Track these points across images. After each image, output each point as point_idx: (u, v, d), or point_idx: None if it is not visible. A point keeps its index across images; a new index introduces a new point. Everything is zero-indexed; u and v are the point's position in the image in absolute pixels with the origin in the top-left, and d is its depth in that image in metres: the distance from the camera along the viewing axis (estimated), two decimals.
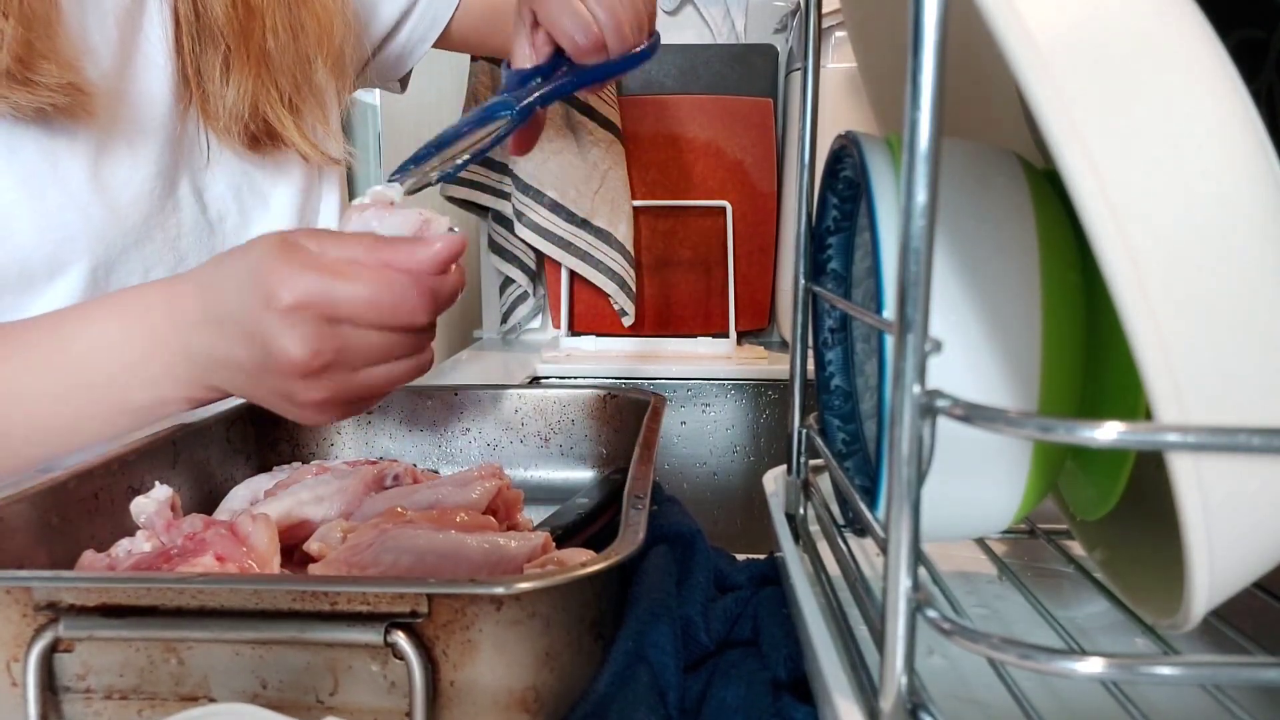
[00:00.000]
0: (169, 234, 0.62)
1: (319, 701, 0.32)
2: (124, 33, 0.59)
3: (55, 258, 0.56)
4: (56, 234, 0.56)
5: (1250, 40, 0.42)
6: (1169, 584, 0.29)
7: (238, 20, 0.61)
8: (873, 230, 0.32)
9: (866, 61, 0.47)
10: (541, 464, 0.64)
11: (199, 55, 0.61)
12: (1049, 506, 0.40)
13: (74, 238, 0.56)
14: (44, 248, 0.55)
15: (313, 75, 0.66)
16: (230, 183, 0.66)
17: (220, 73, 0.61)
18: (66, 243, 0.56)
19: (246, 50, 0.61)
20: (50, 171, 0.55)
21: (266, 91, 0.63)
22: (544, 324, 1.39)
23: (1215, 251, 0.22)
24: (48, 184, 0.55)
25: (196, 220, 0.64)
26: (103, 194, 0.58)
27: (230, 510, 0.51)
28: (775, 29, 1.33)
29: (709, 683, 0.36)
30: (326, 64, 0.66)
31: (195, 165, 0.64)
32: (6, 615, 0.32)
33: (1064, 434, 0.21)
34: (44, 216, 0.55)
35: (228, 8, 0.60)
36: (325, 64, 0.66)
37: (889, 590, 0.24)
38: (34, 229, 0.55)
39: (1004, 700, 0.32)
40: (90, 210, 0.57)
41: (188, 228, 0.64)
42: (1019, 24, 0.22)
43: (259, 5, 0.61)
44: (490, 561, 0.40)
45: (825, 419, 0.41)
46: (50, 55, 0.51)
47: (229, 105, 0.62)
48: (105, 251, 0.58)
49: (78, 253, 0.57)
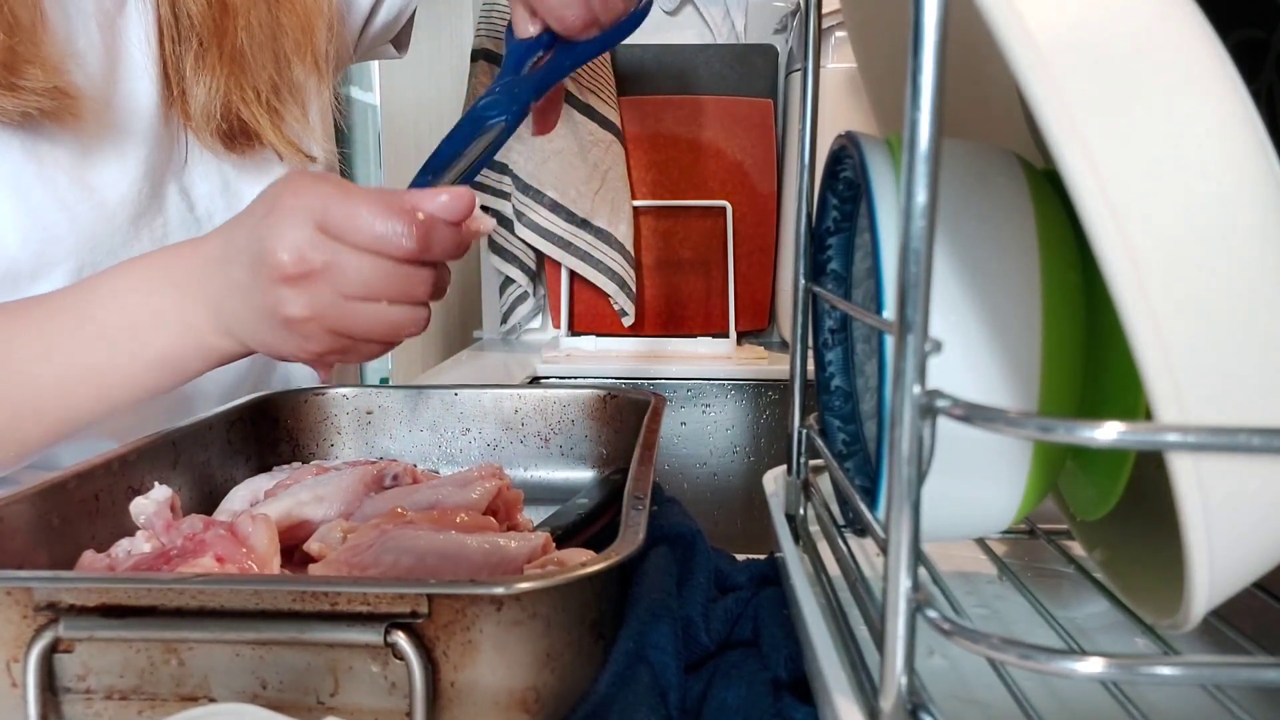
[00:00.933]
0: (156, 234, 0.62)
1: (319, 702, 0.32)
2: (106, 36, 0.59)
3: (41, 258, 0.56)
4: (42, 234, 0.56)
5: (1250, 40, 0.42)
6: (1169, 584, 0.29)
7: (213, 19, 0.61)
8: (873, 231, 0.32)
9: (866, 61, 0.47)
10: (541, 464, 0.64)
11: (179, 56, 0.61)
12: (1049, 506, 0.40)
13: (60, 238, 0.56)
14: (30, 248, 0.55)
15: (291, 74, 0.65)
16: (212, 182, 0.66)
17: (193, 70, 0.61)
18: (52, 243, 0.56)
19: (220, 49, 0.61)
20: (36, 172, 0.55)
21: (241, 90, 0.62)
22: (544, 324, 1.39)
23: (1215, 251, 0.22)
24: (33, 185, 0.55)
25: (184, 219, 0.64)
26: (89, 195, 0.58)
27: (230, 511, 0.51)
28: (775, 29, 1.33)
29: (709, 683, 0.36)
30: (306, 62, 0.66)
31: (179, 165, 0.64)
32: (6, 615, 0.32)
33: (1064, 434, 0.21)
34: (30, 217, 0.55)
35: (204, 6, 0.60)
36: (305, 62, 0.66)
37: (889, 590, 0.24)
38: (20, 229, 0.55)
39: (1004, 700, 0.32)
40: (77, 211, 0.57)
41: (174, 226, 0.64)
42: (1019, 24, 0.22)
43: (235, 4, 0.61)
44: (490, 562, 0.40)
45: (825, 419, 0.41)
46: (35, 60, 0.51)
47: (201, 103, 0.62)
48: (92, 252, 0.58)
49: (64, 253, 0.57)
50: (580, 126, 1.23)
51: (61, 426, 0.51)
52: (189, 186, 0.65)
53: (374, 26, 0.79)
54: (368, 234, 0.43)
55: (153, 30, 0.61)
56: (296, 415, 0.64)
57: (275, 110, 0.65)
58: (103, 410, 0.51)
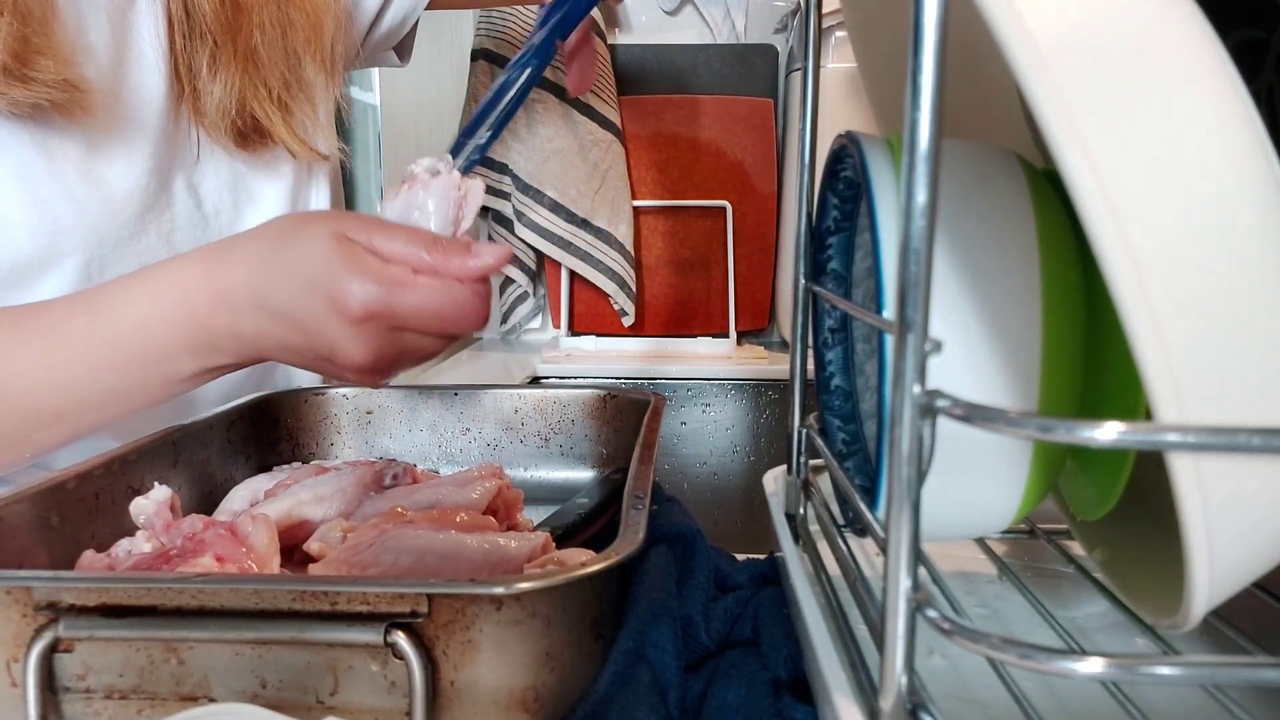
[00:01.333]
0: (163, 228, 0.62)
1: (319, 701, 0.32)
2: (117, 29, 0.59)
3: (48, 250, 0.56)
4: (50, 227, 0.56)
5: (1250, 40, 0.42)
6: (1169, 584, 0.29)
7: (226, 17, 0.61)
8: (873, 230, 0.32)
9: (866, 61, 0.47)
10: (541, 464, 0.64)
11: (190, 53, 0.61)
12: (1049, 506, 0.40)
13: (67, 231, 0.57)
14: (37, 240, 0.55)
15: (302, 71, 0.66)
16: (222, 178, 0.66)
17: (208, 69, 0.61)
18: (60, 236, 0.56)
19: (234, 47, 0.61)
20: (45, 165, 0.55)
21: (254, 88, 0.63)
22: (544, 324, 1.39)
23: (1215, 251, 0.22)
24: (42, 177, 0.55)
25: (191, 214, 0.65)
26: (97, 188, 0.58)
27: (230, 510, 0.51)
28: (775, 29, 1.33)
29: (709, 683, 0.36)
30: (316, 60, 0.66)
31: (188, 161, 0.65)
32: (6, 615, 0.32)
33: (1064, 434, 0.21)
34: (37, 209, 0.55)
35: (216, 5, 0.60)
36: (314, 60, 0.66)
37: (889, 590, 0.24)
38: (27, 221, 0.55)
39: (1004, 700, 0.32)
40: (85, 204, 0.57)
41: (182, 222, 0.64)
42: (1019, 24, 0.22)
43: (247, 2, 0.61)
44: (490, 561, 0.40)
45: (825, 419, 0.41)
46: (47, 51, 0.51)
47: (216, 101, 0.62)
48: (99, 246, 0.58)
49: (71, 246, 0.57)
50: (580, 126, 1.23)
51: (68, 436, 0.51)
52: (197, 182, 0.65)
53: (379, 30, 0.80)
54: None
55: (163, 25, 0.61)
56: (296, 415, 0.64)
57: (287, 107, 0.65)
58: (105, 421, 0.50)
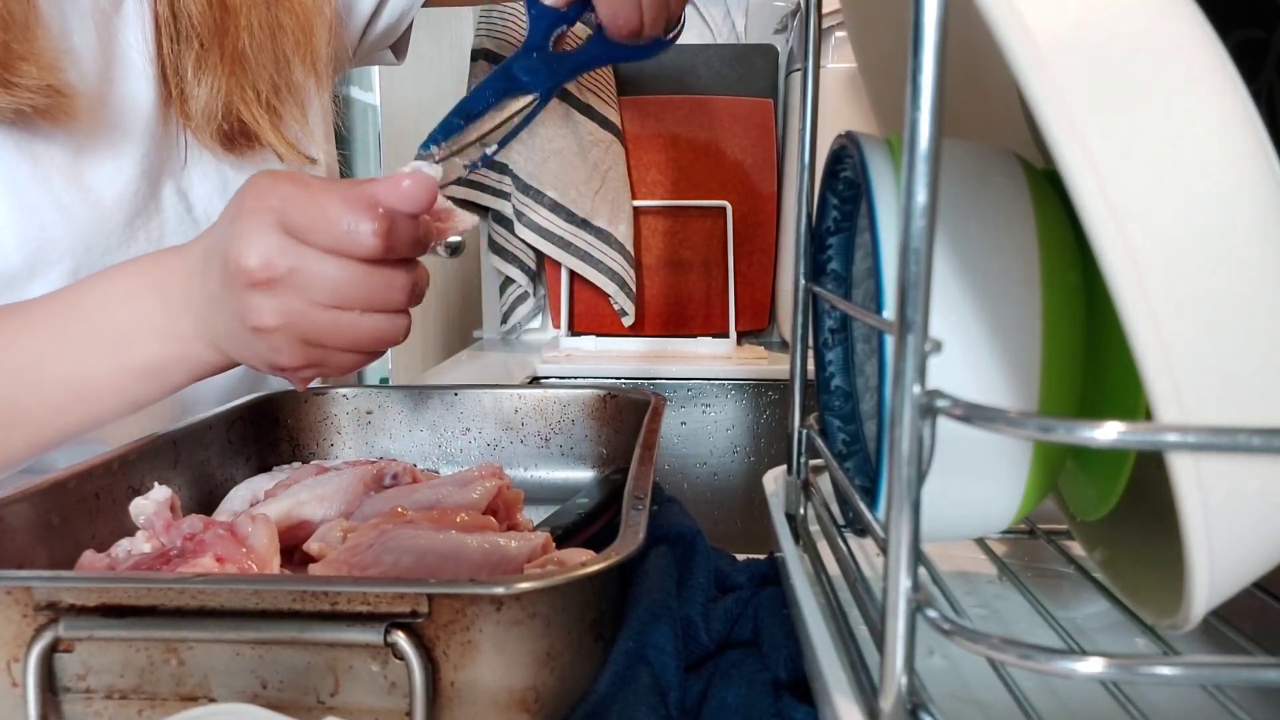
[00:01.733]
0: (153, 234, 0.62)
1: (319, 701, 0.32)
2: (103, 34, 0.59)
3: (36, 257, 0.56)
4: (38, 234, 0.55)
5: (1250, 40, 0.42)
6: (1169, 584, 0.29)
7: (213, 19, 0.60)
8: (873, 230, 0.32)
9: (866, 61, 0.47)
10: (541, 464, 0.64)
11: (176, 55, 0.61)
12: (1049, 506, 0.40)
13: (55, 238, 0.56)
14: (25, 247, 0.55)
15: (291, 75, 0.65)
16: (211, 183, 0.66)
17: (194, 71, 0.61)
18: (48, 243, 0.56)
19: (221, 49, 0.61)
20: (30, 172, 0.55)
21: (242, 91, 0.62)
22: (544, 324, 1.39)
23: (1215, 251, 0.22)
24: (28, 184, 0.55)
25: (181, 220, 0.64)
26: (85, 194, 0.58)
27: (230, 511, 0.51)
28: (775, 29, 1.33)
29: (709, 683, 0.36)
30: (305, 63, 0.66)
31: (177, 166, 0.64)
32: (6, 615, 0.32)
33: (1064, 434, 0.21)
34: (25, 216, 0.55)
35: (204, 7, 0.60)
36: (304, 63, 0.66)
37: (889, 590, 0.24)
38: (15, 229, 0.55)
39: (1004, 700, 0.32)
40: (73, 210, 0.57)
41: (172, 228, 0.63)
42: (1019, 24, 0.22)
43: (235, 4, 0.61)
44: (490, 562, 0.40)
45: (825, 419, 0.41)
46: (29, 57, 0.51)
47: (202, 104, 0.61)
48: (87, 252, 0.58)
49: (59, 253, 0.56)
50: (580, 126, 1.23)
51: (45, 437, 0.50)
52: (187, 188, 0.65)
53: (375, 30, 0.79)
54: (330, 234, 0.41)
55: (150, 30, 0.61)
56: (296, 415, 0.64)
57: (275, 111, 0.65)
58: (88, 421, 0.49)
